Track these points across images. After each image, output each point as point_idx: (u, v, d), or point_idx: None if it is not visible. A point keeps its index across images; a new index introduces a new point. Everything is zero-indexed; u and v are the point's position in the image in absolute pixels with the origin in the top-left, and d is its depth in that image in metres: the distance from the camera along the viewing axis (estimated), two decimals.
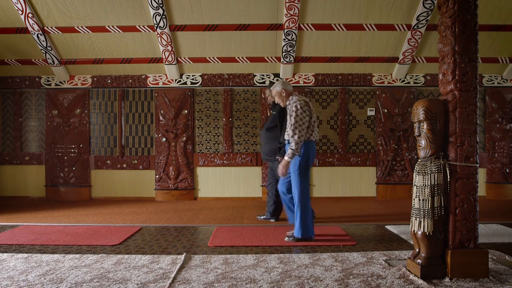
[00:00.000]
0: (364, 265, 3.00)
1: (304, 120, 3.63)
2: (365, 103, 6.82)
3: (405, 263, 2.97)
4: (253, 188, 6.71)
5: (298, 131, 3.58)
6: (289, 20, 5.62)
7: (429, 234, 2.66)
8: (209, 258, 3.21)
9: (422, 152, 2.77)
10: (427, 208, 2.67)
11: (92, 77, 6.71)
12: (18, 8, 5.52)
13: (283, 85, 3.84)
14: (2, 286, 2.60)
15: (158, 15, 5.55)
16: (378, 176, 6.71)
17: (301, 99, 3.73)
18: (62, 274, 2.84)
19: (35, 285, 2.62)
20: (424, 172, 2.72)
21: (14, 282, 2.69)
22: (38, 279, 2.74)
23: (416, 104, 2.82)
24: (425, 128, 2.74)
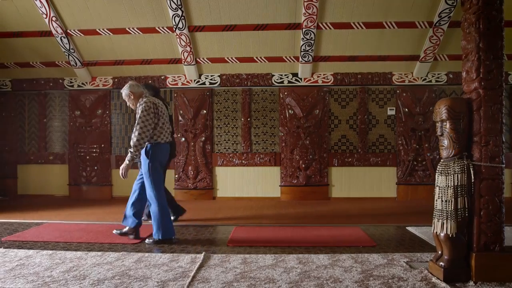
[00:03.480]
0: (384, 267, 2.95)
1: (148, 123, 3.57)
2: (385, 102, 6.71)
3: (427, 265, 2.91)
4: (272, 188, 6.70)
5: (138, 134, 3.53)
6: (308, 19, 5.59)
7: (452, 236, 2.60)
8: (228, 258, 3.23)
9: (444, 152, 2.71)
10: (450, 209, 2.61)
11: (113, 78, 6.84)
12: (43, 12, 5.67)
13: (131, 87, 3.76)
14: (28, 281, 2.68)
15: (177, 16, 5.60)
16: (398, 176, 6.60)
17: (149, 101, 3.65)
18: (85, 271, 2.90)
19: (59, 281, 2.68)
20: (447, 172, 2.66)
21: (39, 277, 2.76)
22: (62, 275, 2.82)
23: (439, 103, 2.75)
24: (448, 127, 2.67)
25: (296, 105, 6.63)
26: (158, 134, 3.69)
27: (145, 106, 3.60)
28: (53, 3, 5.61)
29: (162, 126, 3.72)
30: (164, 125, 3.76)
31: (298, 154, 6.61)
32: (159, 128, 3.69)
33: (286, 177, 6.65)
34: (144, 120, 3.56)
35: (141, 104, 3.64)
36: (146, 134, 3.57)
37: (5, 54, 6.53)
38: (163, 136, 3.74)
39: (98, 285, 2.62)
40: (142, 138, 3.55)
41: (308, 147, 6.61)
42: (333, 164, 6.67)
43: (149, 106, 3.62)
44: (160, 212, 3.70)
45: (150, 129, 3.60)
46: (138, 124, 3.55)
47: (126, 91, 3.77)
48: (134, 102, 3.76)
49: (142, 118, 3.56)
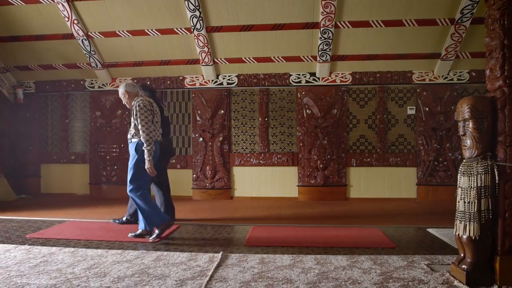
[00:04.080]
0: (404, 269, 2.90)
1: (147, 119, 3.72)
2: (405, 102, 6.60)
3: (449, 268, 2.84)
4: (289, 188, 6.68)
5: (145, 129, 3.69)
6: (325, 18, 5.54)
7: (475, 239, 2.54)
8: (246, 257, 3.23)
9: (467, 152, 2.65)
10: (473, 211, 2.54)
11: (132, 79, 6.94)
12: (65, 15, 5.81)
13: (126, 87, 3.89)
14: (51, 278, 2.75)
15: (195, 17, 5.65)
16: (419, 177, 6.47)
17: (144, 99, 3.80)
18: (106, 269, 2.96)
19: (81, 278, 2.74)
20: (469, 173, 2.59)
21: (62, 274, 2.83)
22: (84, 272, 2.88)
23: (461, 102, 2.69)
24: (470, 127, 2.61)
25: (314, 104, 6.58)
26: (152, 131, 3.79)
27: (141, 104, 3.76)
28: (75, 6, 5.74)
29: (155, 125, 3.84)
30: (157, 124, 3.88)
31: (316, 154, 6.56)
32: (153, 126, 3.81)
33: (303, 177, 6.61)
34: (145, 116, 3.73)
35: (138, 102, 3.78)
36: (151, 127, 3.73)
37: (29, 57, 6.72)
38: (154, 134, 3.82)
39: (118, 282, 2.66)
40: (150, 131, 3.72)
41: (326, 147, 6.56)
42: (351, 164, 6.60)
43: (145, 103, 3.78)
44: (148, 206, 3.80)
45: (151, 125, 3.75)
46: (143, 120, 3.70)
47: (122, 89, 3.92)
48: (129, 101, 3.91)
49: (143, 114, 3.72)
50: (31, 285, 2.61)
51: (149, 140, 3.70)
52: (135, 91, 3.93)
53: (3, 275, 2.82)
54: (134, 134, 3.80)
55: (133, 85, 3.96)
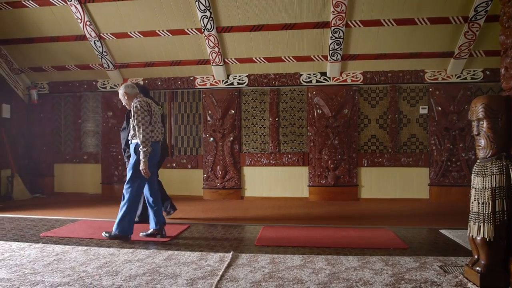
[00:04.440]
0: (416, 270, 2.87)
1: (145, 120, 3.74)
2: (417, 101, 6.52)
3: (462, 270, 2.80)
4: (300, 188, 6.66)
5: (142, 130, 3.70)
6: (336, 17, 5.51)
7: (489, 240, 2.49)
8: (256, 257, 3.23)
9: (481, 152, 2.60)
10: (487, 212, 2.50)
11: (143, 80, 7.00)
12: (78, 17, 5.89)
13: (125, 88, 3.93)
14: (64, 276, 2.79)
15: (205, 17, 5.67)
16: (431, 177, 6.39)
17: (142, 100, 3.81)
18: (117, 267, 2.98)
19: (93, 276, 2.78)
20: (483, 173, 2.55)
21: (75, 272, 2.87)
22: (96, 270, 2.91)
23: (475, 101, 2.65)
24: (485, 126, 2.57)
25: (325, 104, 6.55)
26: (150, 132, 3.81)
27: (139, 105, 3.77)
28: (87, 8, 5.82)
29: (154, 125, 3.85)
30: (156, 124, 3.89)
31: (327, 154, 6.53)
32: (151, 127, 3.82)
33: (314, 177, 6.58)
34: (143, 116, 3.74)
35: (135, 103, 3.80)
36: (148, 129, 3.74)
37: (43, 58, 6.83)
38: (153, 134, 3.84)
39: (130, 281, 2.68)
40: (147, 133, 3.73)
41: (337, 147, 6.52)
42: (362, 165, 6.55)
43: (143, 104, 3.79)
44: (128, 208, 3.80)
45: (148, 126, 3.76)
46: (139, 121, 3.72)
47: (121, 91, 3.95)
48: (128, 102, 3.93)
49: (140, 116, 3.73)
50: (45, 283, 2.65)
51: (145, 142, 3.71)
52: (134, 92, 3.94)
53: (18, 272, 2.87)
54: (133, 135, 3.84)
55: (133, 86, 3.98)
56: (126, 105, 3.98)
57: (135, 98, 3.89)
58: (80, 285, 2.61)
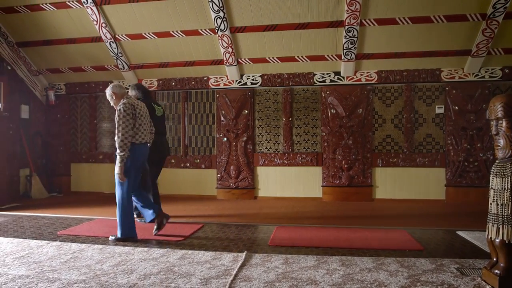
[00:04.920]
0: (433, 272, 2.82)
1: (127, 123, 3.68)
2: (433, 100, 6.42)
3: (480, 272, 2.74)
4: (313, 188, 6.62)
5: (121, 134, 3.65)
6: (350, 16, 5.46)
7: (508, 243, 2.44)
8: (270, 257, 3.23)
9: (500, 153, 2.54)
10: (506, 213, 2.44)
11: (158, 80, 7.07)
12: (93, 19, 5.98)
13: (113, 88, 3.90)
14: (81, 273, 2.83)
15: (219, 18, 5.69)
16: (447, 177, 6.28)
17: (127, 103, 3.76)
18: (132, 266, 3.02)
19: (109, 274, 2.82)
20: (503, 174, 2.49)
21: (91, 270, 2.92)
22: (112, 269, 2.95)
23: (493, 100, 2.59)
24: (504, 126, 2.51)
25: (339, 104, 6.50)
26: (133, 134, 3.80)
27: (123, 107, 3.74)
28: (103, 10, 5.90)
29: (138, 127, 3.83)
30: (141, 126, 3.86)
31: (341, 154, 6.48)
32: (135, 129, 3.81)
33: (328, 177, 6.54)
34: (125, 120, 3.70)
35: (120, 105, 3.78)
36: (128, 133, 3.70)
37: (60, 60, 6.96)
38: (138, 137, 3.84)
39: (144, 279, 2.71)
40: (126, 138, 3.69)
41: (351, 147, 6.47)
42: (377, 165, 6.48)
43: (127, 107, 3.75)
44: (123, 211, 3.83)
45: (130, 129, 3.73)
46: (120, 125, 3.69)
47: (109, 91, 3.93)
48: (116, 102, 3.91)
49: (122, 119, 3.70)
50: (62, 280, 2.70)
51: (123, 146, 3.68)
52: (122, 92, 3.93)
53: (36, 269, 2.94)
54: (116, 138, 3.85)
55: (120, 86, 3.97)
56: (114, 105, 3.95)
57: (122, 99, 3.87)
58: (96, 283, 2.65)
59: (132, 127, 3.76)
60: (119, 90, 3.91)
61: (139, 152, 3.88)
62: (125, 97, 3.88)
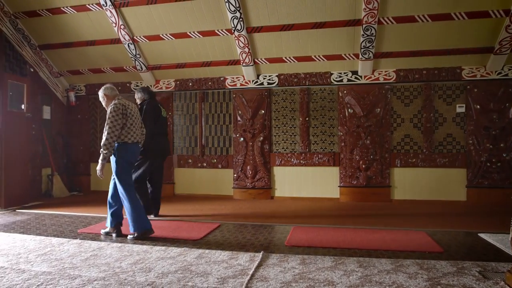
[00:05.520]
0: (454, 275, 2.76)
1: (116, 123, 3.77)
2: (453, 99, 6.28)
3: (504, 276, 2.67)
4: (331, 188, 6.57)
5: (107, 133, 3.75)
6: (368, 14, 5.39)
7: None
8: (286, 258, 3.22)
9: None
10: None
11: (175, 81, 7.14)
12: (112, 21, 6.09)
13: (105, 90, 4.00)
14: (101, 271, 2.88)
15: (235, 18, 5.71)
16: (469, 178, 6.13)
17: (118, 103, 3.86)
18: (150, 264, 3.06)
19: (128, 272, 2.86)
20: None
21: (110, 268, 2.97)
22: (130, 267, 2.99)
23: None
24: None
25: (356, 103, 6.43)
26: (125, 134, 3.88)
27: (114, 107, 3.83)
28: (122, 12, 6.00)
29: (130, 127, 3.90)
30: (132, 126, 3.93)
31: (358, 154, 6.41)
32: (127, 128, 3.88)
33: (345, 178, 6.48)
34: (113, 120, 3.78)
35: (111, 105, 3.87)
36: (115, 133, 3.78)
37: (80, 62, 7.11)
38: (130, 137, 3.91)
39: (162, 278, 2.74)
40: (112, 137, 3.77)
41: (369, 147, 6.39)
42: (395, 165, 6.38)
43: (118, 107, 3.84)
44: (132, 208, 3.87)
45: (118, 129, 3.80)
46: (107, 124, 3.77)
47: (101, 93, 4.03)
48: (107, 104, 4.00)
49: (110, 119, 3.79)
50: (82, 277, 2.75)
51: (107, 145, 3.75)
52: (114, 94, 4.02)
53: (58, 266, 3.00)
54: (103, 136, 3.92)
55: (112, 88, 4.06)
56: (106, 107, 4.03)
57: (113, 100, 3.96)
58: (116, 281, 2.69)
59: (121, 127, 3.85)
60: (110, 92, 4.02)
61: (131, 151, 3.97)
62: (117, 98, 3.98)
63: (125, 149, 3.91)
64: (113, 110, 3.83)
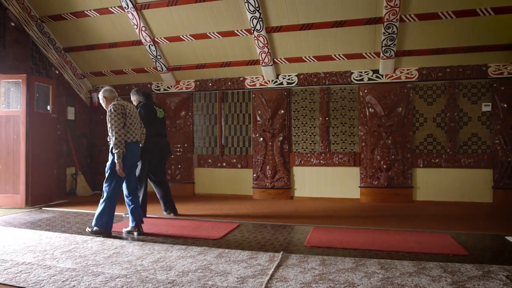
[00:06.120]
0: (479, 279, 2.68)
1: (118, 122, 3.90)
2: (479, 98, 6.10)
3: None
4: (351, 189, 6.49)
5: (115, 133, 3.88)
6: (389, 12, 5.30)
7: None
8: (306, 258, 3.20)
9: None
10: None
11: (195, 81, 7.20)
12: (134, 23, 6.19)
13: (104, 92, 4.12)
14: (123, 268, 2.94)
15: (255, 18, 5.71)
16: (495, 179, 5.94)
17: (117, 103, 3.98)
18: (171, 263, 3.09)
19: (149, 270, 2.90)
20: None
21: (132, 265, 3.02)
22: (151, 265, 3.04)
23: None
24: None
25: (377, 103, 6.33)
26: (125, 133, 3.98)
27: (113, 108, 3.95)
28: (143, 14, 6.10)
29: (129, 127, 4.02)
30: (132, 126, 4.04)
31: (379, 154, 6.30)
32: (126, 128, 3.99)
33: (366, 178, 6.39)
34: (116, 120, 3.91)
35: (110, 106, 3.99)
36: (121, 131, 3.91)
37: (103, 63, 7.27)
38: (130, 136, 4.02)
39: (182, 276, 2.77)
40: (120, 135, 3.91)
41: (390, 147, 6.28)
42: (417, 165, 6.24)
43: (117, 107, 3.96)
44: (108, 207, 3.99)
45: (121, 128, 3.93)
46: (112, 125, 3.90)
47: (101, 95, 4.16)
48: (107, 105, 4.11)
49: (114, 119, 3.92)
50: (105, 274, 2.81)
51: (118, 144, 3.87)
52: (112, 96, 4.12)
53: (82, 263, 3.08)
54: (110, 137, 4.01)
55: (111, 90, 4.17)
56: (106, 109, 4.14)
57: (113, 101, 4.06)
58: (137, 278, 2.73)
59: (123, 125, 3.96)
60: (109, 94, 4.14)
61: (130, 150, 4.04)
62: (115, 100, 4.09)
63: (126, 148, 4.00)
64: (113, 110, 3.95)
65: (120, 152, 3.90)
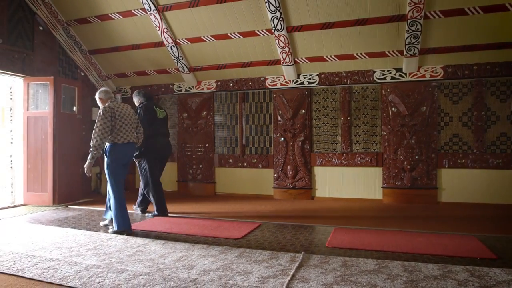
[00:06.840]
0: (509, 284, 2.58)
1: (104, 125, 3.97)
2: (508, 96, 5.88)
3: None
4: (373, 189, 6.39)
5: (96, 135, 3.95)
6: (413, 9, 5.19)
7: None
8: (327, 259, 3.17)
9: None
10: None
11: (216, 82, 7.25)
12: (156, 25, 6.29)
13: (100, 93, 4.24)
14: (145, 266, 2.99)
15: (275, 18, 5.70)
16: None
17: (108, 106, 4.06)
18: (193, 261, 3.12)
19: (171, 269, 2.94)
20: None
21: (154, 264, 3.06)
22: (173, 263, 3.07)
23: None
24: None
25: (400, 102, 6.21)
26: (115, 135, 4.06)
27: (103, 111, 4.04)
28: (165, 16, 6.18)
29: (119, 129, 4.08)
30: (122, 128, 4.11)
31: (403, 154, 6.18)
32: (117, 130, 4.07)
33: (389, 179, 6.27)
34: (102, 123, 3.98)
35: (101, 108, 4.08)
36: (103, 135, 3.97)
37: (126, 65, 7.41)
38: (120, 138, 4.08)
39: (204, 275, 2.79)
40: (101, 138, 3.97)
41: (414, 147, 6.14)
42: (443, 166, 6.08)
43: (107, 110, 4.04)
44: (117, 206, 4.06)
45: (107, 131, 3.99)
46: (97, 127, 3.98)
47: (96, 96, 4.28)
48: (102, 106, 4.21)
49: (100, 122, 4.00)
50: (129, 272, 2.87)
51: (96, 146, 3.96)
52: (107, 97, 4.24)
53: (106, 260, 3.15)
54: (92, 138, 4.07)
55: (106, 92, 4.29)
56: None
57: (106, 102, 4.18)
58: (160, 276, 2.77)
59: (109, 129, 4.04)
60: (104, 95, 4.27)
61: (121, 151, 4.13)
62: (109, 101, 4.19)
63: (114, 150, 4.11)
64: (102, 113, 4.05)
65: (96, 154, 4.01)
